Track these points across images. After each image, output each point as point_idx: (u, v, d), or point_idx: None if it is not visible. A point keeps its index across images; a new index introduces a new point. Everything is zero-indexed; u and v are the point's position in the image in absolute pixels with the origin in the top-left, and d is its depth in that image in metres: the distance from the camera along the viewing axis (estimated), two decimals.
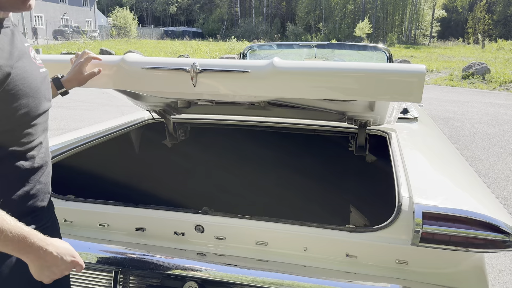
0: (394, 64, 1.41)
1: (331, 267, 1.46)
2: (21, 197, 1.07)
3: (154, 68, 1.48)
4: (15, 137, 1.03)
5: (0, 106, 0.96)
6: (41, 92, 1.09)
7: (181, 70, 1.44)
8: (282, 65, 1.41)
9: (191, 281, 1.50)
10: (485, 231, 1.29)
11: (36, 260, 0.98)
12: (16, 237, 0.92)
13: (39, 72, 1.10)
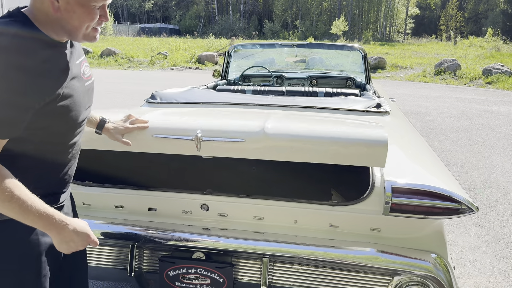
0: (362, 131, 1.67)
1: (317, 236, 1.74)
2: (50, 185, 1.27)
3: (163, 137, 1.71)
4: (53, 138, 1.23)
5: (46, 117, 1.15)
6: (82, 105, 1.29)
7: (187, 140, 1.68)
8: (272, 132, 1.66)
9: (199, 251, 1.76)
10: (442, 201, 1.59)
11: (57, 235, 1.18)
12: (43, 216, 1.13)
13: (84, 87, 1.30)
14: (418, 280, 1.62)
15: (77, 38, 1.22)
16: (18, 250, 1.22)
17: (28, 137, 1.15)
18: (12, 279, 1.22)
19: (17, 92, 1.06)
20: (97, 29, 1.25)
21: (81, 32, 1.21)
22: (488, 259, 2.96)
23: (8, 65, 1.04)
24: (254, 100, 2.89)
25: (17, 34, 1.09)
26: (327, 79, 4.77)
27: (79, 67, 1.29)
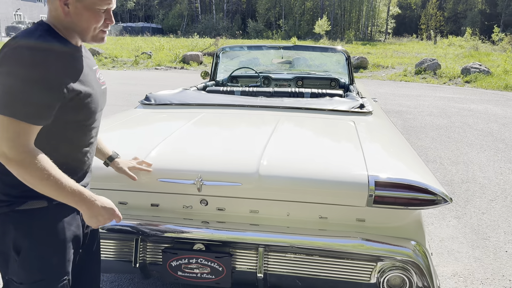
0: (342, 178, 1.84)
1: (308, 227, 1.89)
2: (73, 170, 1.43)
3: (167, 181, 1.89)
4: (74, 130, 1.41)
5: (70, 110, 1.35)
6: (99, 104, 1.47)
7: (190, 184, 1.86)
8: (265, 173, 1.85)
9: (199, 243, 1.91)
10: (420, 193, 1.77)
11: (86, 210, 1.35)
12: (75, 192, 1.31)
13: (100, 89, 1.48)
14: (400, 265, 1.79)
15: (86, 39, 1.40)
16: (48, 235, 1.38)
17: (56, 127, 1.33)
18: (41, 262, 1.37)
19: (44, 85, 1.24)
20: (104, 31, 1.42)
21: (89, 33, 1.38)
22: (465, 249, 3.17)
23: (36, 64, 1.23)
24: (244, 101, 3.04)
25: (42, 37, 1.28)
26: (312, 80, 4.94)
27: (95, 72, 1.48)
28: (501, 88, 13.40)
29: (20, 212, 1.34)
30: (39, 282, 1.37)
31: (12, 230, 1.35)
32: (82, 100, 1.36)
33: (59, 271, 1.41)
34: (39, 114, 1.25)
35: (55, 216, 1.39)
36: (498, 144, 6.35)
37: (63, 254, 1.42)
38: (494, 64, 17.82)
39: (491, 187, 4.51)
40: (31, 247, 1.36)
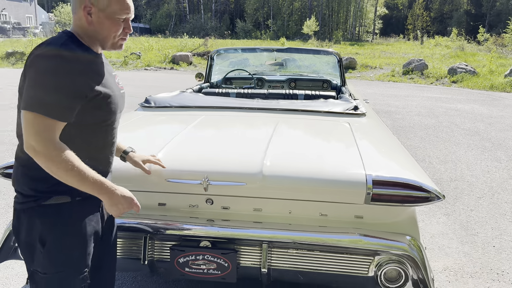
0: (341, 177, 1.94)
1: (309, 223, 2.00)
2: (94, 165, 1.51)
3: (175, 182, 1.98)
4: (96, 131, 1.53)
5: (92, 111, 1.47)
6: (119, 107, 1.60)
7: (197, 184, 1.95)
8: (268, 173, 1.95)
9: (205, 240, 2.00)
10: (415, 191, 1.88)
11: (108, 199, 1.47)
12: (97, 183, 1.43)
13: (119, 93, 1.61)
14: (396, 258, 1.90)
15: (106, 46, 1.53)
16: (71, 229, 1.49)
17: (79, 128, 1.46)
18: (63, 254, 1.48)
19: (67, 86, 1.37)
20: (123, 39, 1.55)
21: (109, 41, 1.51)
22: (455, 244, 3.30)
23: (59, 67, 1.36)
24: (243, 104, 3.13)
25: (65, 44, 1.42)
26: (305, 82, 5.05)
27: (114, 77, 1.61)
28: (487, 88, 13.67)
29: (46, 207, 1.46)
30: (61, 273, 1.48)
31: (38, 224, 1.46)
32: (102, 101, 1.48)
33: (80, 264, 1.52)
34: (63, 111, 1.37)
35: (77, 211, 1.51)
36: (485, 143, 6.53)
37: (84, 247, 1.52)
38: (480, 64, 18.15)
39: (479, 185, 4.66)
40: (55, 240, 1.46)
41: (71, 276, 1.50)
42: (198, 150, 2.26)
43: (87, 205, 1.53)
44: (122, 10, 1.48)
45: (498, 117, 8.74)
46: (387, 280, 1.93)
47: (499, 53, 22.12)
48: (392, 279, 1.93)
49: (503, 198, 4.28)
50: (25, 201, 1.47)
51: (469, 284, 2.77)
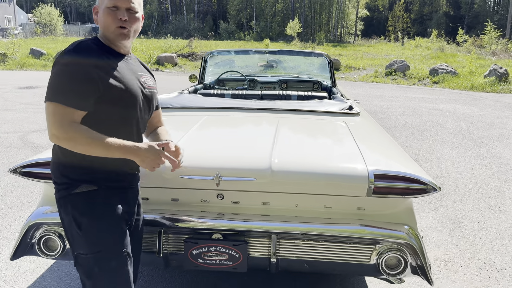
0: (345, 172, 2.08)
1: (314, 216, 2.13)
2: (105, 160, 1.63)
3: (188, 178, 2.08)
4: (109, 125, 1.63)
5: (106, 104, 1.60)
6: (136, 106, 1.70)
7: (210, 180, 2.06)
8: (277, 169, 2.07)
9: (217, 233, 2.11)
10: (413, 183, 2.03)
11: (135, 157, 1.59)
12: (121, 146, 1.55)
13: (144, 92, 1.73)
14: (396, 247, 2.04)
15: (112, 39, 1.65)
16: (101, 213, 1.64)
17: (93, 121, 1.58)
18: (98, 236, 1.62)
19: (82, 78, 1.52)
20: (121, 27, 1.63)
21: (110, 32, 1.63)
22: (444, 237, 3.48)
23: (76, 63, 1.53)
24: (243, 104, 3.25)
25: (86, 43, 1.61)
26: (296, 83, 5.19)
27: (139, 77, 1.75)
28: (467, 88, 14.06)
29: (76, 195, 1.61)
30: (100, 253, 1.62)
31: (71, 210, 1.62)
32: (115, 95, 1.60)
33: (116, 244, 1.65)
34: (78, 100, 1.52)
35: (105, 197, 1.65)
36: (468, 141, 6.78)
37: (116, 229, 1.66)
38: (460, 65, 18.61)
39: (464, 181, 4.88)
40: (88, 223, 1.61)
41: (109, 256, 1.64)
42: (208, 148, 2.37)
43: (114, 192, 1.68)
44: (112, 1, 1.60)
45: (479, 116, 9.04)
46: (387, 267, 2.07)
47: (478, 54, 22.71)
48: (392, 266, 2.07)
49: (487, 193, 4.50)
50: (59, 189, 1.64)
51: (459, 273, 2.94)
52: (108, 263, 1.64)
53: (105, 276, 1.65)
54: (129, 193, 1.79)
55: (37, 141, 6.32)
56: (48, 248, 2.17)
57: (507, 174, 5.16)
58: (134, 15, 1.65)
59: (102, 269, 1.64)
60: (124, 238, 1.69)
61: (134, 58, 1.78)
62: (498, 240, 3.44)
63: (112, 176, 1.68)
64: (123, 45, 1.71)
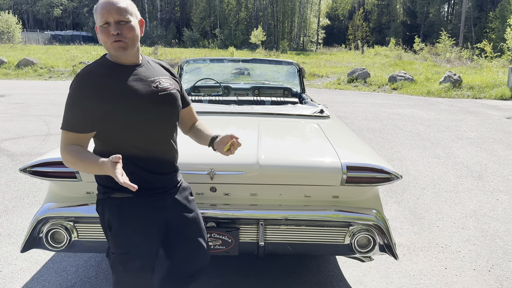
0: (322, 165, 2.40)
1: (295, 204, 2.44)
2: None
3: (185, 173, 2.26)
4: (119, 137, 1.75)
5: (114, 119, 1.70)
6: (145, 107, 1.73)
7: (205, 174, 2.32)
8: (264, 163, 2.36)
9: (211, 221, 2.38)
10: (379, 173, 2.38)
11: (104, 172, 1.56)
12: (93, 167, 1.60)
13: (155, 96, 1.76)
14: (366, 228, 2.37)
15: (112, 54, 1.72)
16: (130, 218, 1.78)
17: (108, 131, 1.73)
18: (125, 239, 1.79)
19: (77, 105, 1.67)
20: (116, 42, 1.66)
21: (108, 48, 1.69)
22: (406, 226, 3.87)
23: (75, 89, 1.68)
24: (224, 109, 3.54)
25: (90, 66, 1.75)
26: (268, 89, 5.51)
27: (151, 82, 1.79)
28: (424, 94, 14.87)
29: (111, 199, 1.78)
30: (125, 255, 1.80)
31: (107, 212, 1.80)
32: (120, 108, 1.68)
33: (141, 248, 1.80)
34: (75, 125, 1.68)
35: (135, 205, 1.78)
36: (425, 143, 7.31)
37: (144, 234, 1.80)
38: (417, 72, 19.57)
39: (422, 178, 5.33)
40: (118, 227, 1.78)
41: (133, 258, 1.79)
42: (201, 147, 2.64)
43: (144, 201, 1.79)
44: (101, 18, 1.65)
45: (435, 120, 9.67)
46: (359, 246, 2.40)
47: (434, 62, 23.89)
48: (363, 245, 2.41)
49: (443, 188, 4.96)
50: (99, 191, 1.83)
51: (420, 256, 3.33)
52: (131, 265, 1.80)
53: (127, 276, 1.83)
54: (165, 200, 1.88)
55: (11, 149, 6.37)
56: (54, 241, 2.37)
57: (461, 171, 5.67)
58: (127, 25, 1.67)
59: (126, 269, 1.82)
60: (150, 244, 1.83)
61: (147, 63, 1.83)
62: (453, 228, 3.86)
63: (141, 183, 1.67)
64: (127, 56, 1.73)
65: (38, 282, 2.88)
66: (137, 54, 1.81)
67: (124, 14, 1.67)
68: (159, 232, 1.88)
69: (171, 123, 1.89)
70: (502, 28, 33.17)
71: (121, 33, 1.66)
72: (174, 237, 1.96)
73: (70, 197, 2.45)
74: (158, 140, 1.83)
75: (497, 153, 6.68)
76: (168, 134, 1.88)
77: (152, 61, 1.93)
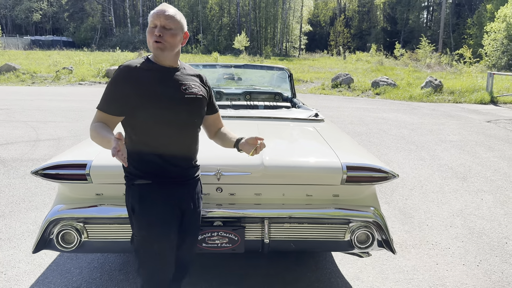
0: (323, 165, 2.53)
1: (298, 202, 2.55)
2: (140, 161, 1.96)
3: None
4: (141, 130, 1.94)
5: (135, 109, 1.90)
6: (168, 112, 1.93)
7: (212, 175, 2.43)
8: (268, 164, 2.48)
9: (218, 220, 2.48)
10: (377, 172, 2.51)
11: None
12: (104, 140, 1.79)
13: (176, 97, 1.95)
14: (365, 224, 2.51)
15: (153, 53, 1.97)
16: (151, 203, 1.97)
17: (129, 125, 1.95)
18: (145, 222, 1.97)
19: (113, 90, 1.91)
20: (156, 42, 1.90)
21: (150, 47, 1.94)
22: (397, 225, 4.02)
23: (113, 78, 1.92)
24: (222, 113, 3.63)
25: (135, 60, 1.98)
26: (259, 94, 5.63)
27: (179, 86, 1.99)
28: (406, 99, 15.21)
29: (135, 186, 1.97)
30: (145, 236, 1.98)
31: (130, 197, 1.98)
32: (147, 102, 1.88)
33: (159, 230, 1.98)
34: (106, 105, 1.92)
35: (155, 191, 1.97)
36: (410, 146, 7.52)
37: (162, 218, 1.98)
38: (398, 77, 19.97)
39: (409, 179, 5.51)
40: (139, 211, 1.96)
41: (153, 240, 1.98)
42: (207, 149, 2.73)
43: (163, 187, 1.98)
44: (152, 21, 1.92)
45: (418, 124, 9.93)
46: (359, 242, 2.53)
47: (415, 67, 24.40)
48: (363, 241, 2.54)
49: (430, 189, 5.14)
50: (125, 179, 2.02)
51: (412, 253, 3.48)
52: (151, 246, 1.99)
53: (147, 258, 2.02)
54: (181, 189, 2.06)
55: (1, 154, 6.34)
56: (65, 242, 2.44)
57: (446, 173, 5.88)
58: (169, 32, 1.90)
59: (146, 251, 2.01)
60: (168, 228, 2.00)
61: (183, 69, 2.06)
62: (442, 226, 4.03)
63: (160, 172, 1.96)
64: (164, 58, 1.96)
65: (44, 284, 2.93)
66: (175, 59, 2.03)
67: (169, 22, 1.91)
68: (176, 218, 2.05)
69: (192, 124, 2.07)
70: (480, 34, 34.12)
71: (162, 36, 1.90)
72: (183, 226, 2.12)
73: (80, 198, 2.52)
74: (177, 136, 2.00)
75: (479, 155, 6.92)
76: (188, 133, 2.06)
77: (188, 67, 2.14)
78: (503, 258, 3.41)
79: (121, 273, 3.07)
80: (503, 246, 3.63)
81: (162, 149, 1.96)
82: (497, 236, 3.84)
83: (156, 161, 1.96)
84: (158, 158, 1.96)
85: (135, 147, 1.95)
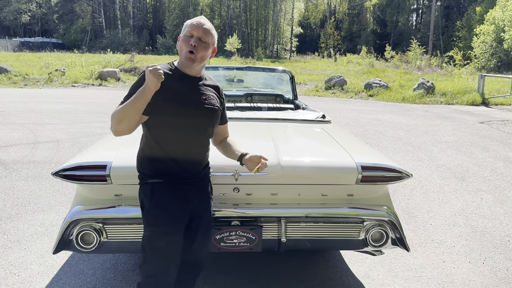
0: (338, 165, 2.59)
1: (313, 202, 2.60)
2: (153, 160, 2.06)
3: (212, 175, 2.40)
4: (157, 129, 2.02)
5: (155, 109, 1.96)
6: (184, 117, 2.01)
7: (230, 176, 2.47)
8: (285, 164, 2.52)
9: (235, 220, 2.52)
10: (391, 172, 2.58)
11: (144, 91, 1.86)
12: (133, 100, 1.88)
13: (194, 105, 2.05)
14: (379, 223, 2.57)
15: (181, 62, 2.05)
16: (160, 201, 2.06)
17: (149, 124, 2.02)
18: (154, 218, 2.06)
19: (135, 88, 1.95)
20: (190, 52, 1.98)
21: (182, 55, 2.02)
22: (402, 225, 4.09)
23: (138, 79, 1.99)
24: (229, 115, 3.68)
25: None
26: (260, 96, 5.69)
27: (200, 95, 2.10)
28: (399, 100, 15.37)
29: (147, 184, 2.07)
30: (152, 232, 2.06)
31: (142, 195, 2.09)
32: (164, 105, 1.95)
33: (166, 228, 2.06)
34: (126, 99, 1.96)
35: (167, 189, 2.06)
36: (407, 147, 7.63)
37: (170, 216, 2.06)
38: (390, 79, 20.16)
39: (410, 180, 5.60)
40: (149, 208, 2.06)
41: (160, 237, 2.05)
42: None
43: (174, 187, 2.07)
44: (189, 29, 2.01)
45: (413, 125, 10.06)
46: (373, 240, 2.59)
47: (405, 69, 24.65)
48: (377, 240, 2.60)
49: (430, 189, 5.23)
50: (139, 178, 2.10)
51: (418, 251, 3.55)
52: (157, 242, 2.06)
53: (152, 254, 2.08)
54: (192, 189, 2.14)
55: (2, 157, 6.31)
56: (84, 242, 2.46)
57: (444, 173, 5.98)
58: (203, 44, 2.00)
59: (152, 247, 2.07)
60: (176, 226, 2.07)
61: (204, 80, 2.16)
62: (445, 225, 4.11)
63: (171, 173, 2.07)
64: (190, 68, 2.05)
65: (58, 285, 2.94)
66: (200, 71, 2.14)
67: (206, 35, 2.02)
68: (185, 217, 2.13)
69: (205, 130, 2.17)
70: (469, 36, 34.56)
71: (196, 47, 1.99)
72: (194, 225, 2.20)
73: (98, 199, 2.54)
74: (191, 142, 2.10)
75: (475, 156, 7.05)
76: (202, 141, 2.17)
77: (209, 78, 2.23)
78: (507, 256, 3.50)
79: (135, 273, 3.09)
80: (506, 244, 3.72)
81: (176, 153, 2.06)
82: (499, 234, 3.93)
83: (169, 163, 2.05)
84: (170, 161, 2.05)
85: (150, 149, 2.06)
